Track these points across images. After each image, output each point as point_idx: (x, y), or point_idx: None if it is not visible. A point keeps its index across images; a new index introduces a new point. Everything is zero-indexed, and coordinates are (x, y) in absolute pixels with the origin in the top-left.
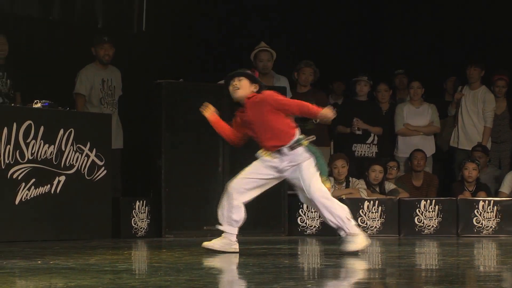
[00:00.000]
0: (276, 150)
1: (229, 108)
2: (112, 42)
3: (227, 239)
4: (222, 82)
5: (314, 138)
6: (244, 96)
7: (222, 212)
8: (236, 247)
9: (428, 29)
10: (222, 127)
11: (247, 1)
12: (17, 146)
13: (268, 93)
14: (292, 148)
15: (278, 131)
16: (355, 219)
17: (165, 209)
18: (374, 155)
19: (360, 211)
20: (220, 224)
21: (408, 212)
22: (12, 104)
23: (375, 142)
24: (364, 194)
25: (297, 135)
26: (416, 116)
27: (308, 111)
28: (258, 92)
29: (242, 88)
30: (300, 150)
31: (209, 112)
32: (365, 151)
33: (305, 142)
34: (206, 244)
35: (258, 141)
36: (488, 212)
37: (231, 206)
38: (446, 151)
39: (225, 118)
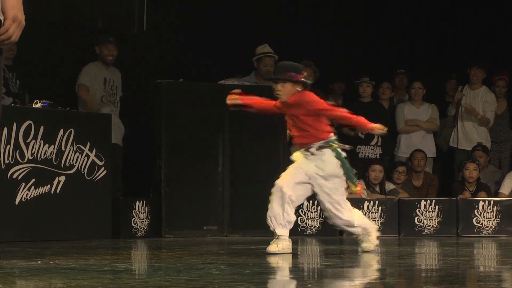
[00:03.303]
0: (306, 147)
1: (229, 109)
2: (116, 44)
3: (286, 241)
4: (222, 81)
5: (348, 148)
6: (288, 98)
7: (274, 216)
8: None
9: (428, 29)
10: (255, 103)
11: (248, 1)
12: (17, 146)
13: (307, 97)
14: (320, 148)
15: (311, 131)
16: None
17: (165, 209)
18: (378, 156)
19: (360, 211)
20: (273, 230)
21: (408, 212)
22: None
23: (379, 143)
24: (364, 194)
25: (330, 137)
26: (417, 116)
27: (350, 120)
28: (302, 89)
29: (285, 93)
30: (328, 154)
31: (235, 96)
32: (369, 153)
33: (334, 145)
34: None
35: (291, 134)
36: (488, 212)
37: (283, 206)
38: (445, 151)
39: (225, 118)
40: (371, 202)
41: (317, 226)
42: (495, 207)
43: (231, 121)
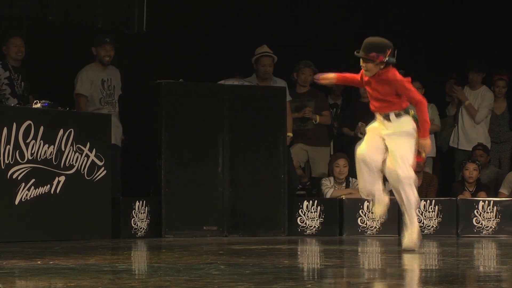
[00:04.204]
0: (384, 114)
1: (229, 109)
2: (113, 44)
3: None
4: (222, 81)
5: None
6: (372, 74)
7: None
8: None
9: (428, 29)
10: (346, 78)
11: (248, 1)
12: (17, 146)
13: (391, 75)
14: (398, 115)
15: (391, 101)
16: (355, 219)
17: (165, 209)
18: None
19: (360, 211)
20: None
21: None
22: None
23: None
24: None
25: (408, 106)
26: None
27: (421, 115)
28: (385, 66)
29: (370, 70)
30: (406, 118)
31: (329, 78)
32: None
33: (412, 112)
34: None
35: (371, 101)
36: (488, 212)
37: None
38: (446, 151)
39: (225, 118)
40: (371, 202)
41: (317, 226)
42: (495, 207)
43: (231, 121)
